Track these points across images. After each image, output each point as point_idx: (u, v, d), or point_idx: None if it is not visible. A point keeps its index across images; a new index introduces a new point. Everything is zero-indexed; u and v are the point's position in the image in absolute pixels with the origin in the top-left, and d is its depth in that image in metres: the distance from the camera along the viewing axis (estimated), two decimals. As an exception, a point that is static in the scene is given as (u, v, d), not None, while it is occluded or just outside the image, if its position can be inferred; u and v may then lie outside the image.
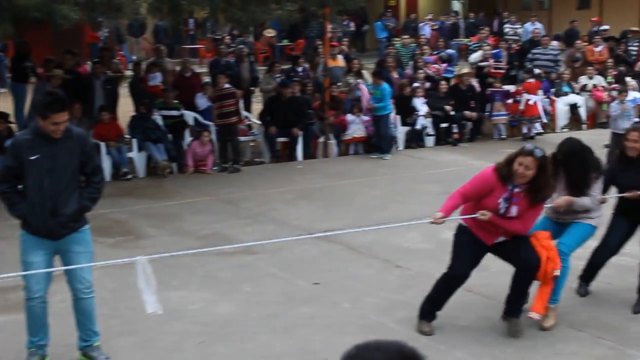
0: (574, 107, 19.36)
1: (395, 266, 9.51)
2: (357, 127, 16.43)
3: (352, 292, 8.61)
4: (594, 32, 24.90)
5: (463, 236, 7.30)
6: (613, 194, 8.21)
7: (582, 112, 19.37)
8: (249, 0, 13.02)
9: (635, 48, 22.53)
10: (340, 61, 18.96)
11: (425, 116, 17.15)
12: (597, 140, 14.22)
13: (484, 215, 7.01)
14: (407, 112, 17.13)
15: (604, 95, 19.12)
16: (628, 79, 19.82)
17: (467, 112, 17.47)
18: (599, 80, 19.71)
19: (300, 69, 18.26)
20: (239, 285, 8.86)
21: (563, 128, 18.94)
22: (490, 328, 7.61)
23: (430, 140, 17.38)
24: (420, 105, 17.29)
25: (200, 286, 8.85)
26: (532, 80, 18.24)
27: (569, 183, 7.64)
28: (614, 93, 18.57)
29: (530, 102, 17.83)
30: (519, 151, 6.98)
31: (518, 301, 7.45)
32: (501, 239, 7.17)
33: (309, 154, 16.20)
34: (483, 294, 8.31)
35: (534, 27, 25.19)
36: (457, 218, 7.37)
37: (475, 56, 20.49)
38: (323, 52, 17.79)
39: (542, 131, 17.91)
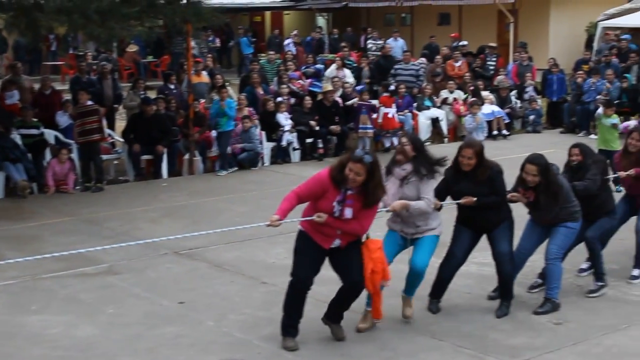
0: (435, 121, 19.79)
1: (260, 283, 9.49)
2: (222, 143, 16.37)
3: (217, 310, 8.56)
4: (454, 47, 25.58)
5: (302, 242, 7.43)
6: (448, 202, 8.38)
7: (444, 126, 19.83)
8: (107, 16, 12.80)
9: (493, 63, 23.26)
10: (204, 77, 18.89)
11: (290, 132, 17.24)
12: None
13: (320, 217, 7.15)
14: (272, 128, 17.18)
15: (461, 109, 19.65)
16: (486, 93, 20.47)
17: (332, 127, 17.64)
18: (458, 94, 20.24)
19: (172, 85, 18.08)
20: (102, 307, 8.68)
21: (425, 141, 19.29)
22: (355, 340, 7.68)
23: (296, 156, 17.48)
24: (285, 120, 17.37)
25: (61, 309, 8.62)
26: (386, 94, 18.69)
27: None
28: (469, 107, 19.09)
29: (389, 115, 18.25)
30: (349, 157, 7.16)
31: (340, 310, 7.66)
32: (337, 242, 7.31)
33: (174, 172, 16.04)
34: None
35: (396, 43, 25.76)
36: (293, 220, 7.44)
37: (330, 71, 20.78)
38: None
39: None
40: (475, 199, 8.04)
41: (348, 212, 7.15)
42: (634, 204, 9.50)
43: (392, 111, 18.45)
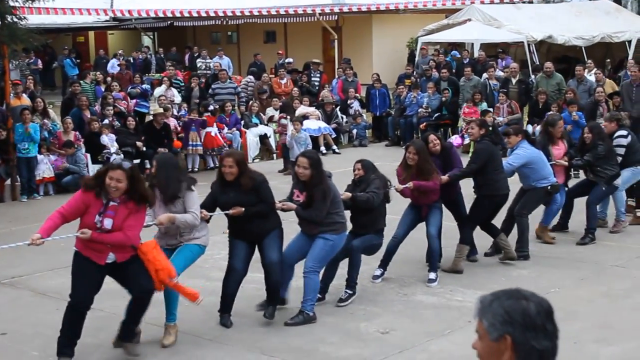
0: (264, 138, 19.91)
1: (87, 308, 9.26)
2: (46, 167, 15.95)
3: (42, 339, 8.29)
4: (280, 64, 25.85)
5: (78, 262, 7.44)
6: (217, 212, 8.49)
7: (272, 142, 19.98)
8: None
9: (317, 79, 23.65)
10: (25, 100, 18.30)
11: (117, 153, 16.95)
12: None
13: (84, 234, 7.19)
14: (97, 150, 16.83)
15: (276, 126, 19.83)
16: (312, 109, 20.75)
17: (160, 150, 17.42)
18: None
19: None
20: None
21: (254, 159, 19.38)
22: (184, 362, 7.63)
23: (123, 177, 17.17)
24: (110, 142, 17.06)
25: None
26: (207, 113, 18.73)
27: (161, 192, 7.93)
28: (283, 122, 19.06)
29: (212, 134, 18.32)
30: (108, 166, 7.34)
31: (133, 326, 7.70)
32: (112, 256, 7.37)
33: (-5, 198, 15.49)
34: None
35: (222, 61, 25.81)
36: (55, 238, 7.44)
37: (159, 90, 20.60)
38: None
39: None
40: (243, 209, 8.21)
41: (107, 223, 7.23)
42: (421, 213, 9.94)
43: (214, 130, 18.48)
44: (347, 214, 8.96)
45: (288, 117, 18.83)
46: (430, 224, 9.84)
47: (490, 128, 12.42)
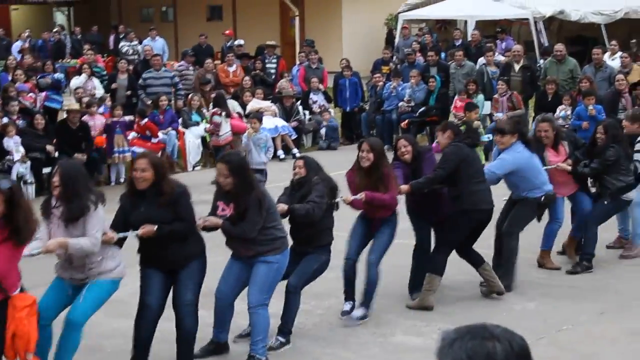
0: (207, 140, 19.66)
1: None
2: None
3: None
4: (228, 47, 25.70)
5: None
6: (124, 233, 8.19)
7: (218, 145, 19.80)
8: None
9: (274, 66, 23.41)
10: None
11: (22, 161, 16.68)
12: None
13: None
14: (-3, 157, 16.63)
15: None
16: (267, 103, 20.55)
17: (77, 155, 17.19)
18: (233, 105, 20.03)
19: None
20: None
21: (196, 165, 19.17)
22: None
23: (31, 191, 16.93)
24: (15, 146, 16.79)
25: None
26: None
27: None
28: (217, 119, 18.61)
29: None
30: None
31: None
32: None
33: None
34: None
35: (154, 43, 25.59)
36: None
37: (78, 81, 20.37)
38: None
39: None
40: (155, 227, 7.95)
41: None
42: (371, 226, 9.83)
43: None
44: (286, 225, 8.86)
45: (223, 113, 18.45)
46: (373, 248, 9.70)
47: (463, 128, 12.35)
